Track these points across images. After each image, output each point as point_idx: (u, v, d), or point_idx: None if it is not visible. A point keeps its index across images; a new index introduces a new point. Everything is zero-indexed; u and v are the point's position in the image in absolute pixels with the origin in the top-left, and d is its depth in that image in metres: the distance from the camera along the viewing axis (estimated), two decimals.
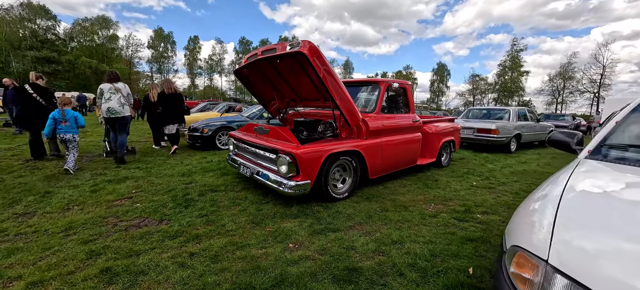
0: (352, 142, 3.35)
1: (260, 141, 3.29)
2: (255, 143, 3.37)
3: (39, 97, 4.86)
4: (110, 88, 4.89)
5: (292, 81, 3.99)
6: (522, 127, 8.22)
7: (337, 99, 3.03)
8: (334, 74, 2.93)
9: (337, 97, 3.02)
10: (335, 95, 3.01)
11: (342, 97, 3.07)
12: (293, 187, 2.80)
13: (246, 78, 4.14)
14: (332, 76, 2.91)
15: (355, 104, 3.27)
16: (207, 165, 4.91)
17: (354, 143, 3.34)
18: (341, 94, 3.06)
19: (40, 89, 4.94)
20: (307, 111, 4.43)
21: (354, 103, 3.26)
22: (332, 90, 2.95)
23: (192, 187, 3.67)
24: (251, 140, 3.44)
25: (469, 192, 3.97)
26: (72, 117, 4.41)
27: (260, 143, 3.26)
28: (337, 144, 3.17)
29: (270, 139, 3.27)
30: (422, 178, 4.59)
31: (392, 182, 4.25)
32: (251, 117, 7.50)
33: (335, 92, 2.99)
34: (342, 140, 3.33)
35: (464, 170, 5.29)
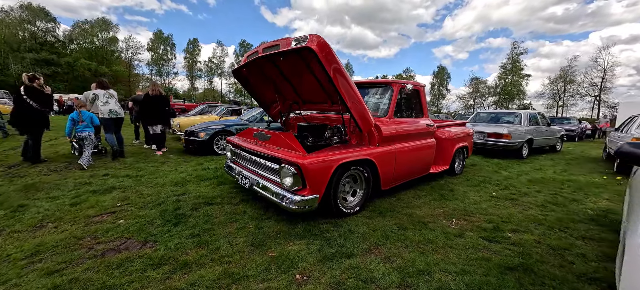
0: (364, 150, 2.98)
1: (261, 149, 2.92)
2: (255, 151, 3.00)
3: (33, 100, 4.66)
4: (105, 93, 5.52)
5: (295, 82, 3.64)
6: (534, 132, 7.87)
7: (348, 101, 2.67)
8: (345, 73, 2.58)
9: (348, 99, 2.66)
10: (346, 97, 2.65)
11: (353, 100, 2.72)
12: (298, 203, 2.43)
13: (245, 79, 3.79)
14: (343, 75, 2.56)
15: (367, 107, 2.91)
16: (202, 173, 4.54)
17: (366, 151, 2.98)
18: (353, 95, 2.70)
19: (35, 92, 4.73)
20: (312, 115, 4.07)
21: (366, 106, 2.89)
22: (342, 91, 2.60)
23: (185, 200, 3.30)
24: (251, 147, 3.08)
25: (491, 204, 3.60)
26: (88, 117, 5.07)
27: (261, 151, 2.89)
28: (348, 152, 2.81)
29: (272, 147, 2.90)
30: (436, 188, 4.23)
31: (405, 193, 3.88)
32: (251, 120, 7.14)
33: (346, 93, 2.63)
34: (353, 148, 2.97)
35: (479, 179, 4.92)
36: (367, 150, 3.01)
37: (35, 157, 4.87)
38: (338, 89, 2.56)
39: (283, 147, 2.79)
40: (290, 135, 2.91)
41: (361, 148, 3.01)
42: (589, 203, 3.78)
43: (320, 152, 2.67)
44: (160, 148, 6.33)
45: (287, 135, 2.90)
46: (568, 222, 3.07)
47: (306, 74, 3.21)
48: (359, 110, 2.80)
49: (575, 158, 8.18)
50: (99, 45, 45.88)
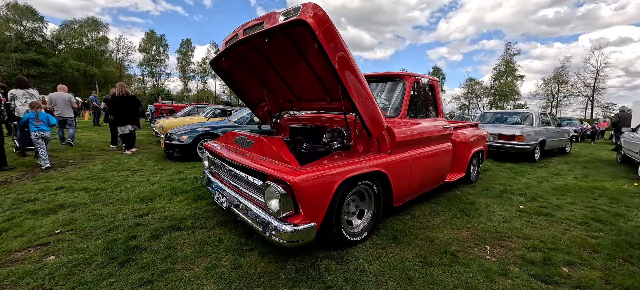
0: (374, 159, 2.33)
1: (240, 158, 2.25)
2: (233, 161, 2.33)
3: None
4: (23, 93, 5.41)
5: (287, 74, 2.97)
6: (546, 133, 7.33)
7: (355, 97, 2.02)
8: (351, 60, 1.93)
9: (355, 94, 2.02)
10: (353, 92, 2.00)
11: (362, 96, 2.07)
12: (289, 235, 1.77)
13: (226, 73, 3.12)
14: (348, 63, 1.92)
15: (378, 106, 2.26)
16: (178, 185, 3.84)
17: (376, 160, 2.33)
18: (361, 90, 2.06)
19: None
20: (308, 115, 3.42)
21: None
22: (348, 84, 1.95)
23: (146, 223, 2.61)
24: (228, 156, 2.40)
25: (524, 222, 2.99)
26: (44, 117, 4.82)
27: (240, 162, 2.22)
28: (355, 163, 2.16)
29: (255, 156, 2.24)
30: (454, 200, 3.60)
31: (419, 208, 3.24)
32: (240, 122, 6.45)
33: (353, 87, 1.99)
34: (359, 157, 2.32)
35: (499, 188, 4.31)
36: (377, 159, 2.36)
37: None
38: (342, 81, 1.92)
39: (269, 156, 2.13)
40: (278, 140, 2.24)
41: (369, 157, 2.36)
42: (637, 219, 3.18)
43: (318, 164, 2.01)
44: (129, 147, 6.42)
45: (275, 140, 2.23)
46: (627, 247, 2.46)
47: (300, 63, 2.55)
48: (368, 109, 2.15)
49: (589, 161, 7.66)
50: (88, 45, 44.57)
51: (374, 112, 2.19)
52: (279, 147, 2.11)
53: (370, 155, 2.40)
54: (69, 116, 6.87)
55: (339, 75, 1.88)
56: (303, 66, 2.57)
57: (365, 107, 2.13)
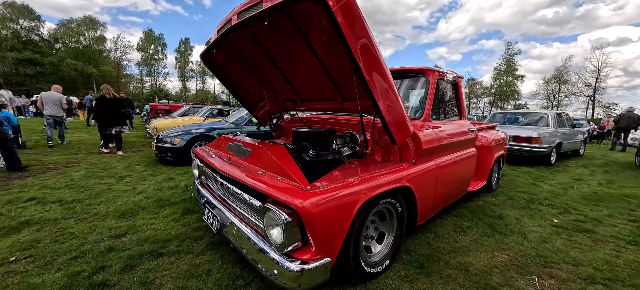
0: (397, 171, 1.91)
1: (234, 171, 1.82)
2: (225, 173, 1.90)
3: None
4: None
5: (289, 69, 2.55)
6: (562, 135, 6.92)
7: (379, 97, 1.61)
8: (377, 50, 1.52)
9: (380, 94, 1.60)
10: (378, 91, 1.59)
11: (388, 95, 1.65)
12: (296, 277, 1.35)
13: (219, 68, 2.70)
14: (373, 54, 1.50)
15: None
16: (166, 195, 3.41)
17: (400, 172, 1.91)
18: (387, 89, 1.64)
19: None
20: (314, 117, 3.00)
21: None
22: (373, 81, 1.53)
23: (121, 247, 2.18)
24: (220, 167, 1.98)
25: (564, 241, 2.57)
26: (4, 117, 4.64)
27: (233, 176, 1.79)
28: (376, 176, 1.74)
29: (252, 168, 1.81)
30: (478, 212, 3.18)
31: (441, 223, 2.82)
32: (238, 123, 6.03)
33: (377, 85, 1.57)
34: (377, 168, 1.90)
35: (523, 197, 3.90)
36: (400, 170, 1.94)
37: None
38: (364, 77, 1.49)
39: (269, 169, 1.71)
40: (280, 149, 1.82)
41: (391, 168, 1.94)
42: None
43: (331, 179, 1.59)
44: (119, 148, 6.42)
45: (277, 148, 1.81)
46: None
47: (305, 54, 2.12)
48: (394, 112, 1.73)
49: (606, 164, 7.24)
50: (86, 44, 44.04)
51: (400, 116, 1.77)
52: (282, 157, 1.68)
53: (390, 166, 1.98)
54: (58, 115, 6.80)
55: (362, 69, 1.46)
56: (309, 58, 2.14)
57: (391, 109, 1.70)
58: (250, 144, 1.96)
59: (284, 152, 1.74)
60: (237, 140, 2.13)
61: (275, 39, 2.14)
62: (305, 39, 1.92)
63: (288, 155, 1.71)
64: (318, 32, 1.79)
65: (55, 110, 6.68)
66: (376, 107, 1.64)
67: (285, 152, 1.74)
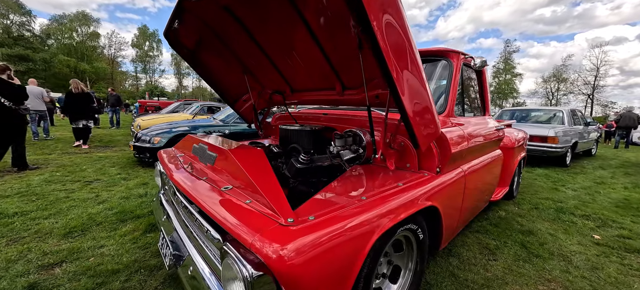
0: (418, 184, 1.39)
1: (189, 186, 1.28)
2: (179, 188, 1.36)
3: (3, 97, 3.81)
4: None
5: (275, 52, 2.00)
6: (578, 134, 6.44)
7: (404, 88, 1.09)
8: (406, 25, 1.00)
9: (405, 84, 1.09)
10: (403, 81, 1.07)
11: (414, 86, 1.15)
12: None
13: (192, 53, 2.16)
14: (400, 31, 0.98)
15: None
16: (132, 205, 2.87)
17: (423, 187, 1.38)
18: (414, 78, 1.14)
19: (5, 85, 3.88)
20: (308, 112, 2.47)
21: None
22: (398, 69, 1.01)
23: (48, 284, 1.64)
24: (176, 179, 1.44)
25: (617, 267, 2.07)
26: None
27: (186, 192, 1.25)
28: (393, 194, 1.21)
29: (216, 180, 1.28)
30: (503, 226, 2.67)
31: (463, 243, 2.31)
32: (226, 120, 5.48)
33: (402, 72, 1.05)
34: (391, 179, 1.38)
35: (549, 204, 3.40)
36: (423, 183, 1.41)
37: (21, 162, 4.17)
38: (387, 64, 0.97)
39: (238, 184, 1.17)
40: (255, 155, 1.28)
41: (410, 179, 1.41)
42: None
43: (327, 204, 1.06)
44: (85, 142, 6.48)
45: (249, 154, 1.27)
46: None
47: (296, 30, 1.58)
48: (421, 104, 1.22)
49: (622, 165, 6.77)
50: (79, 41, 43.09)
51: (428, 111, 1.25)
52: (256, 168, 1.15)
53: (408, 177, 1.46)
54: (40, 109, 6.78)
55: (383, 51, 0.94)
56: (300, 35, 1.61)
57: (416, 101, 1.18)
58: (216, 148, 1.42)
59: (260, 159, 1.21)
60: (203, 141, 1.59)
61: (254, 11, 1.60)
62: (299, 13, 1.38)
63: (264, 165, 1.17)
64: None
65: (36, 103, 6.55)
66: (397, 99, 1.11)
67: (261, 160, 1.20)
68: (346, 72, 1.75)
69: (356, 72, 1.66)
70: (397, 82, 1.06)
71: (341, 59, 1.65)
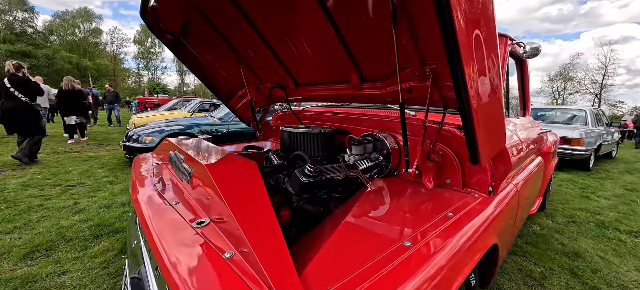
0: (474, 213, 0.99)
1: (149, 221, 0.90)
2: (139, 219, 0.98)
3: (21, 93, 4.14)
4: None
5: (276, 37, 1.61)
6: (601, 135, 5.99)
7: (474, 78, 0.70)
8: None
9: (478, 78, 0.71)
10: (472, 65, 0.68)
11: (487, 75, 0.76)
12: None
13: (177, 39, 1.78)
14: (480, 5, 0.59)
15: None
16: (112, 216, 2.50)
17: (481, 217, 0.99)
18: (491, 63, 0.74)
19: (22, 83, 4.19)
20: (315, 110, 2.09)
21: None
22: (468, 47, 0.63)
23: None
24: (137, 206, 1.06)
25: None
26: None
27: (145, 229, 0.87)
28: (445, 235, 0.82)
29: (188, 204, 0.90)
30: (543, 247, 2.28)
31: (503, 271, 1.92)
32: (224, 118, 5.11)
33: (472, 52, 0.66)
34: (429, 203, 0.99)
35: (587, 218, 3.00)
36: (477, 209, 1.02)
37: (31, 155, 4.34)
38: (457, 40, 0.59)
39: (216, 215, 0.79)
40: (247, 173, 0.89)
41: (460, 206, 1.02)
42: None
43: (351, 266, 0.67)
44: (82, 135, 6.78)
45: (237, 172, 0.88)
46: None
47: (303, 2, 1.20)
48: (492, 107, 0.84)
49: None
50: (81, 37, 42.95)
51: (498, 115, 0.89)
52: (244, 200, 0.76)
53: (454, 199, 1.07)
54: (45, 107, 6.63)
55: (454, 20, 0.56)
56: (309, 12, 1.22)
57: (487, 103, 0.81)
58: (191, 160, 1.03)
59: (250, 181, 0.82)
60: (180, 148, 1.21)
61: None
62: None
63: (256, 191, 0.79)
64: None
65: (43, 101, 6.44)
66: (463, 93, 0.72)
67: (251, 183, 0.81)
68: (366, 59, 1.35)
69: (380, 58, 1.27)
70: (468, 67, 0.68)
71: (361, 40, 1.26)
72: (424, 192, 1.16)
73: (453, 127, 1.27)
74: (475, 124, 0.80)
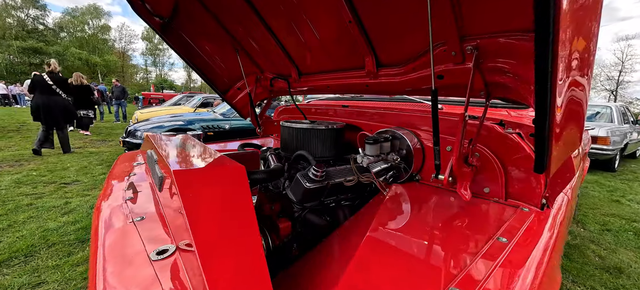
0: (530, 236, 0.75)
1: (100, 242, 0.68)
2: (91, 240, 0.77)
3: (62, 90, 4.83)
4: None
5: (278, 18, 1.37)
6: (628, 134, 5.59)
7: (568, 60, 0.47)
8: None
9: (570, 53, 0.46)
10: (567, 45, 0.45)
11: (580, 61, 0.51)
12: None
13: (166, 25, 1.57)
14: None
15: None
16: None
17: (542, 242, 0.74)
18: (587, 46, 0.50)
19: (61, 80, 4.93)
20: (320, 104, 1.86)
21: None
22: (566, 17, 0.40)
23: None
24: (95, 222, 0.84)
25: None
26: None
27: (94, 250, 0.65)
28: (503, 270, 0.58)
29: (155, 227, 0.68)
30: (580, 262, 2.01)
31: None
32: (227, 115, 4.91)
33: (569, 25, 0.43)
34: (473, 223, 0.76)
35: (622, 226, 2.70)
36: (533, 231, 0.78)
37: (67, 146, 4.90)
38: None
39: (184, 242, 0.57)
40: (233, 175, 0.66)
41: (512, 225, 0.78)
42: None
43: None
44: (86, 129, 7.04)
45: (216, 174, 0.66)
46: None
47: None
48: (577, 101, 0.60)
49: None
50: (90, 33, 43.50)
51: (580, 112, 0.64)
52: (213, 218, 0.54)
53: (502, 216, 0.83)
54: None
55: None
56: None
57: (573, 96, 0.57)
58: (163, 164, 0.80)
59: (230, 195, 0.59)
60: (155, 147, 0.99)
61: None
62: None
63: (238, 207, 0.56)
64: None
65: None
66: (548, 81, 0.49)
67: (232, 197, 0.59)
68: (385, 39, 1.11)
69: (402, 36, 1.03)
70: (564, 33, 0.44)
71: (379, 13, 1.01)
72: (459, 204, 0.92)
73: (492, 122, 1.02)
74: (553, 121, 0.56)
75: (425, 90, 1.16)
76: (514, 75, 0.78)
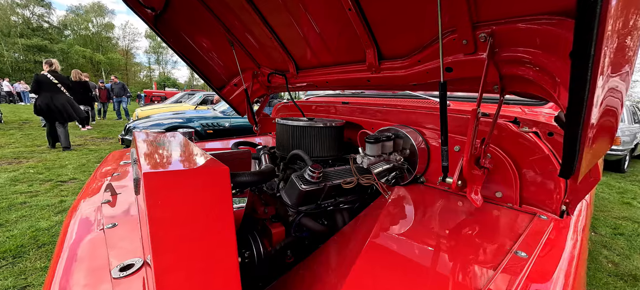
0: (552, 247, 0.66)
1: (67, 247, 0.61)
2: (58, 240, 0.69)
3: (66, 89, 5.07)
4: None
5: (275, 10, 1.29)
6: (638, 134, 5.43)
7: (611, 52, 0.39)
8: None
9: (613, 45, 0.38)
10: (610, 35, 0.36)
11: (622, 54, 0.43)
12: None
13: (159, 17, 1.50)
14: None
15: None
16: None
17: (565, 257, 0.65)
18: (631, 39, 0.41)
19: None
20: (319, 101, 1.78)
21: None
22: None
23: None
24: (65, 227, 0.77)
25: None
26: None
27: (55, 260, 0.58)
28: None
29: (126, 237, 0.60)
30: (592, 268, 1.91)
31: None
32: (226, 112, 4.84)
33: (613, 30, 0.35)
34: (487, 235, 0.67)
35: (637, 231, 2.59)
36: (554, 243, 0.69)
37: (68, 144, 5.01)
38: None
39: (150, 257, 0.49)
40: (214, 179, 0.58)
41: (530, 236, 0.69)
42: None
43: None
44: (83, 125, 7.12)
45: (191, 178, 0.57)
46: None
47: None
48: (615, 100, 0.51)
49: None
50: (94, 31, 43.73)
51: (616, 111, 0.55)
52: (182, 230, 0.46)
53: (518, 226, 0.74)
54: None
55: None
56: None
57: (612, 94, 0.49)
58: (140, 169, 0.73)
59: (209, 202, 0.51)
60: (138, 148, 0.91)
61: None
62: None
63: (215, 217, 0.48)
64: None
65: None
66: (585, 81, 0.40)
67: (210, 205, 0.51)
68: (388, 29, 1.02)
69: (407, 25, 0.94)
70: (608, 36, 0.36)
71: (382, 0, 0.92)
72: (468, 210, 0.84)
73: (505, 120, 0.93)
74: (588, 120, 0.47)
75: (431, 84, 1.07)
76: (535, 67, 0.69)
